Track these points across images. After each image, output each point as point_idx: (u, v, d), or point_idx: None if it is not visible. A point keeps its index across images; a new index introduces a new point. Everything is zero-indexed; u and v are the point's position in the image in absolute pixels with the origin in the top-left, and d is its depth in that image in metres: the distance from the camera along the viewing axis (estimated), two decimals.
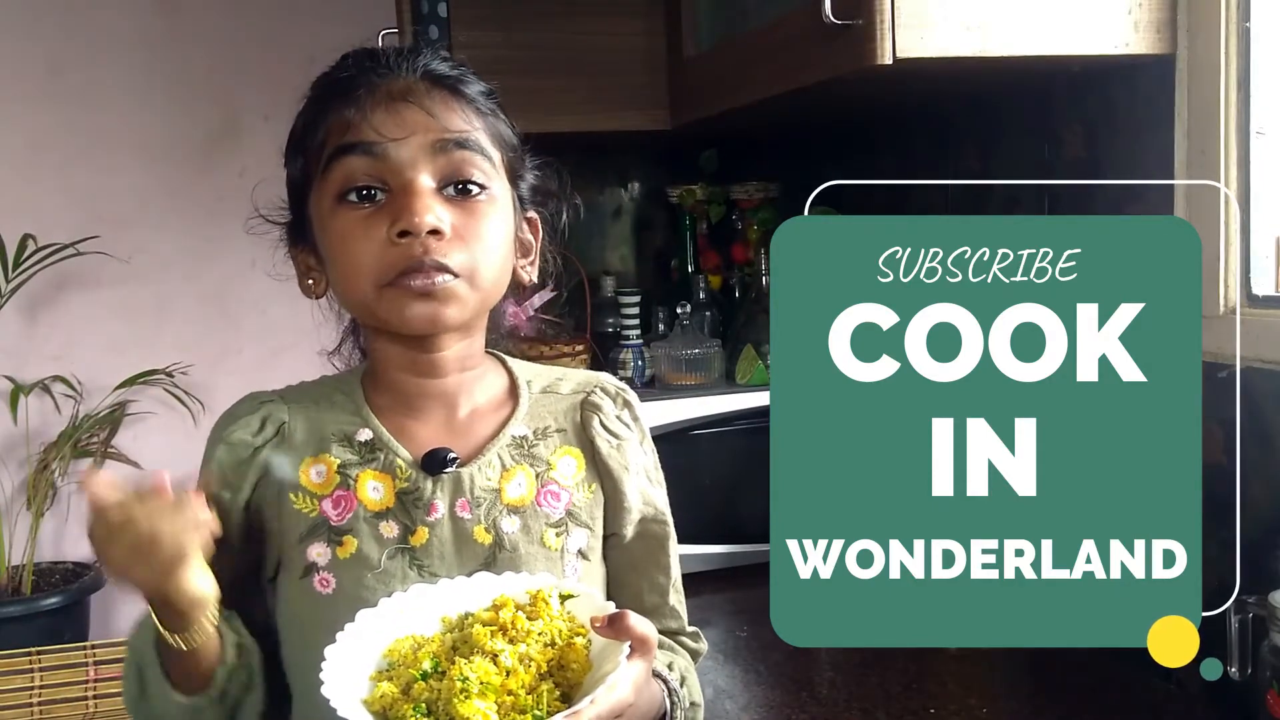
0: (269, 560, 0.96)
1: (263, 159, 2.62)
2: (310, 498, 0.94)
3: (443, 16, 1.72)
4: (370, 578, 0.91)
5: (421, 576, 0.92)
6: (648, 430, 1.07)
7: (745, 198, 2.10)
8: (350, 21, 2.43)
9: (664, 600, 1.04)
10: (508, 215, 0.95)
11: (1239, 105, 1.23)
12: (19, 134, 2.47)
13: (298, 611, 0.93)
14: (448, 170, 0.90)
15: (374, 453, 0.95)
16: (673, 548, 1.06)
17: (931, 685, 1.36)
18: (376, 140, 0.89)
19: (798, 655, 1.48)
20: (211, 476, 0.94)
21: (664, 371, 1.90)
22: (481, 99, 0.95)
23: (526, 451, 0.98)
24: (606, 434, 1.01)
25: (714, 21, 1.77)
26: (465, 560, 0.93)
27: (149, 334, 2.55)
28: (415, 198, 0.88)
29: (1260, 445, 1.19)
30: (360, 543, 0.92)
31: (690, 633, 1.07)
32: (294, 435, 0.96)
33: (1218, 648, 1.17)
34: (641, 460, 1.04)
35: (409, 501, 0.93)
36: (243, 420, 0.96)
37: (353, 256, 0.90)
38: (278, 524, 0.94)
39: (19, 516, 2.47)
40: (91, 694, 2.24)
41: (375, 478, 0.94)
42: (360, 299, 0.92)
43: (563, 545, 0.96)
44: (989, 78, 1.44)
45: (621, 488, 1.00)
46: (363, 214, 0.90)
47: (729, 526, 1.82)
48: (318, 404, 0.98)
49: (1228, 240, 1.24)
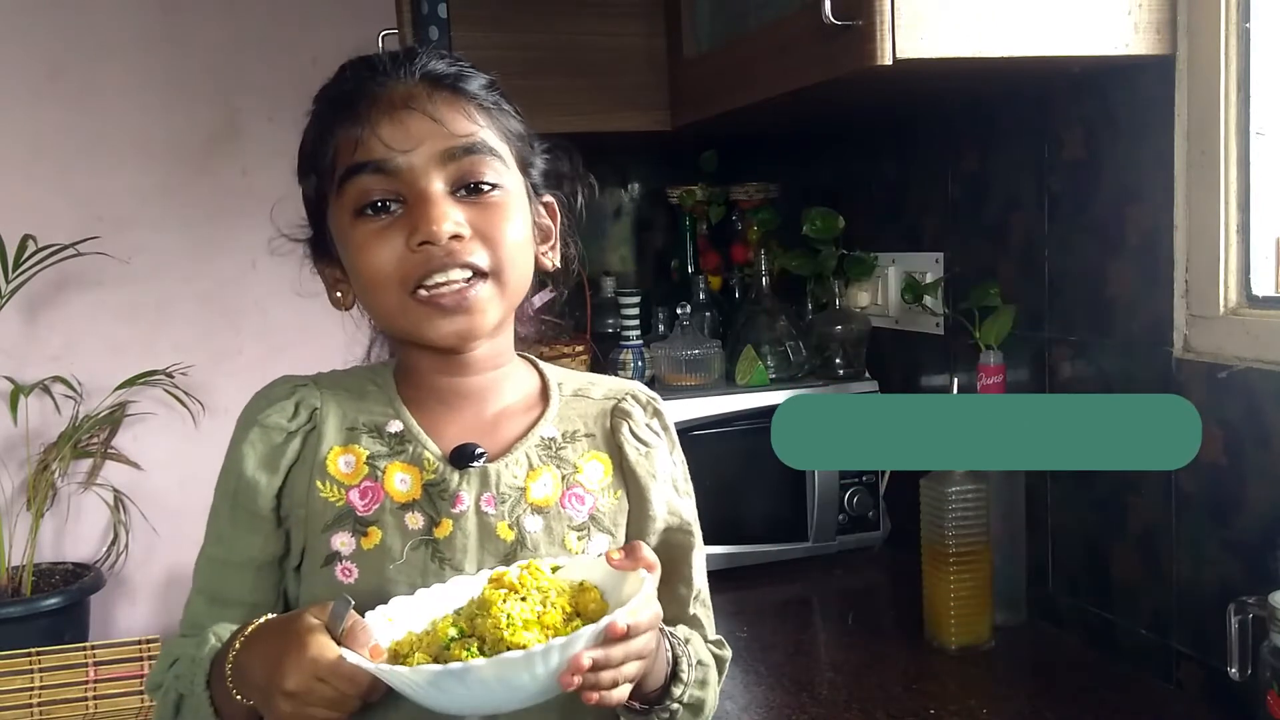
0: (294, 547, 0.96)
1: (263, 159, 2.64)
2: (338, 487, 0.94)
3: (443, 17, 1.72)
4: (392, 569, 0.92)
5: (443, 570, 0.92)
6: (677, 441, 1.07)
7: (745, 198, 2.10)
8: (350, 22, 2.46)
9: (684, 611, 1.05)
10: (523, 206, 0.96)
11: (1239, 105, 1.23)
12: (19, 135, 2.47)
13: (319, 599, 0.93)
14: (458, 174, 0.91)
15: (403, 444, 0.95)
16: (697, 559, 1.06)
17: (931, 685, 1.37)
18: (386, 156, 0.90)
19: (798, 655, 1.48)
20: (244, 458, 0.95)
21: (664, 372, 1.90)
22: (484, 94, 0.95)
23: (554, 453, 0.98)
24: (635, 441, 1.01)
25: (714, 22, 1.77)
26: (487, 555, 0.93)
27: (149, 334, 2.55)
28: (432, 206, 0.89)
29: (1260, 445, 1.19)
30: (385, 534, 0.92)
31: (714, 640, 1.07)
32: (326, 422, 0.96)
33: (1218, 647, 1.17)
34: (669, 470, 1.04)
35: (435, 494, 0.94)
36: (278, 405, 0.96)
37: (375, 269, 0.91)
38: (304, 511, 0.94)
39: (19, 517, 2.47)
40: (91, 694, 2.24)
41: (403, 469, 0.94)
42: (386, 310, 0.93)
43: (584, 549, 0.97)
44: (989, 78, 1.44)
45: (647, 495, 1.00)
46: (381, 225, 0.90)
47: (729, 527, 1.82)
48: (350, 393, 0.98)
49: (1228, 240, 1.24)
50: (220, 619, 0.94)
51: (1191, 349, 1.29)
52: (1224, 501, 1.25)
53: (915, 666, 1.42)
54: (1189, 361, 1.28)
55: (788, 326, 1.96)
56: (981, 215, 1.66)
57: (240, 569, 0.96)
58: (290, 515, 0.95)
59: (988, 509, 1.45)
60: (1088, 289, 1.44)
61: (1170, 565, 1.33)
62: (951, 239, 1.74)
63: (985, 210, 1.65)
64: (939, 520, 1.45)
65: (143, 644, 2.31)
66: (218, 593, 0.97)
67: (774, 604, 1.71)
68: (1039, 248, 1.53)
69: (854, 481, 1.86)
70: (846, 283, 1.96)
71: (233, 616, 0.93)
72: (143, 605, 2.59)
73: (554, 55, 1.82)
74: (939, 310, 1.76)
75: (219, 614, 0.95)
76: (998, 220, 1.62)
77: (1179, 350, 1.30)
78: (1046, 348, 1.52)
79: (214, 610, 0.95)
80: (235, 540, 0.96)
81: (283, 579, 0.97)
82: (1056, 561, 1.53)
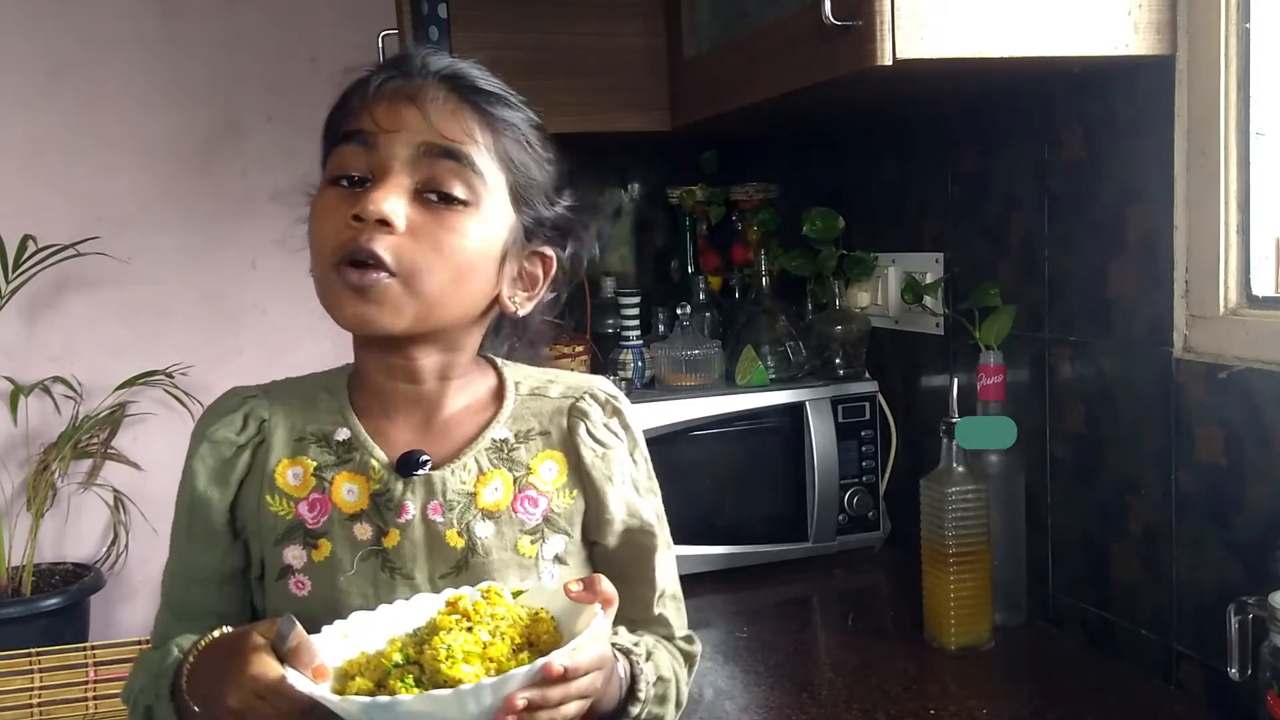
0: (254, 559, 0.96)
1: (263, 159, 2.64)
2: (286, 500, 0.94)
3: (443, 17, 1.71)
4: (343, 580, 0.92)
5: (394, 580, 0.91)
6: (641, 439, 1.06)
7: (745, 199, 2.10)
8: (350, 23, 2.45)
9: (648, 611, 1.03)
10: (492, 236, 0.93)
11: (1239, 105, 1.23)
12: (19, 134, 2.46)
13: (278, 613, 0.93)
14: (429, 175, 0.90)
15: (350, 453, 0.95)
16: (661, 559, 1.04)
17: (931, 685, 1.37)
18: (371, 130, 0.90)
19: (798, 655, 1.48)
20: (196, 474, 0.95)
21: (664, 372, 1.90)
22: (506, 118, 0.93)
23: (506, 455, 0.97)
24: (592, 442, 1.00)
25: (714, 23, 1.77)
26: (437, 564, 0.93)
27: (149, 335, 2.55)
28: (379, 188, 0.88)
29: (1260, 445, 1.19)
30: (334, 546, 0.92)
31: (683, 637, 1.06)
32: (274, 434, 0.96)
33: (1218, 647, 1.17)
34: (628, 470, 1.02)
35: (381, 503, 0.93)
36: (226, 418, 0.97)
37: (317, 233, 0.91)
38: (257, 525, 0.94)
39: (19, 517, 2.47)
40: (91, 695, 2.24)
41: (350, 479, 0.94)
42: (317, 281, 0.91)
43: (538, 552, 0.96)
44: (989, 78, 1.44)
45: (604, 499, 0.99)
46: (340, 195, 0.90)
47: (729, 527, 1.82)
48: (302, 401, 0.98)
49: (1228, 240, 1.24)
50: (187, 631, 0.94)
51: (1191, 349, 1.29)
52: (1224, 502, 1.25)
53: (915, 667, 1.42)
54: (1189, 362, 1.28)
55: (788, 327, 1.95)
56: (981, 215, 1.66)
57: (203, 583, 0.96)
58: (245, 528, 0.95)
59: (988, 509, 1.45)
60: (1088, 289, 1.44)
61: (1170, 565, 1.33)
62: (951, 239, 1.74)
63: (985, 210, 1.65)
64: (939, 520, 1.45)
65: (143, 644, 2.31)
66: (183, 607, 0.97)
67: (774, 604, 1.71)
68: (1039, 248, 1.53)
69: (854, 481, 1.86)
70: (846, 283, 1.96)
71: (200, 628, 0.93)
72: (143, 605, 2.59)
73: (554, 55, 1.81)
74: (939, 310, 1.76)
75: (186, 626, 0.95)
76: (998, 220, 1.62)
77: (1179, 350, 1.30)
78: (1046, 348, 1.52)
79: (181, 624, 0.96)
80: (194, 556, 0.96)
81: (248, 590, 0.97)
82: (1056, 561, 1.53)
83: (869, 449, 1.87)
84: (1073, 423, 1.48)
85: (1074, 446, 1.48)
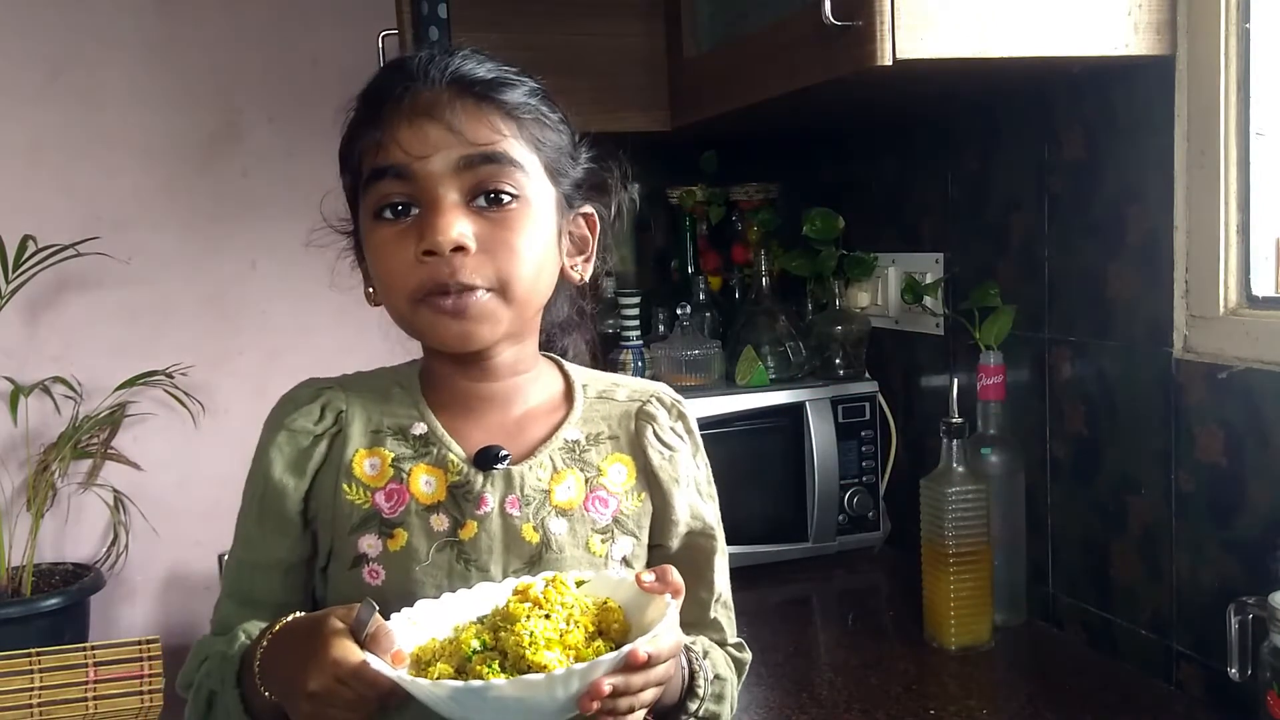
0: (321, 549, 0.96)
1: (264, 160, 2.64)
2: (363, 489, 0.94)
3: (443, 17, 1.71)
4: (418, 570, 0.92)
5: (469, 571, 0.92)
6: (701, 443, 1.07)
7: (745, 199, 2.10)
8: (350, 23, 2.45)
9: (705, 614, 1.05)
10: (546, 218, 0.95)
11: (1239, 106, 1.23)
12: (19, 134, 2.46)
13: (346, 601, 0.93)
14: (474, 184, 0.90)
15: (428, 447, 0.96)
16: (719, 562, 1.06)
17: (931, 685, 1.37)
18: (404, 161, 0.90)
19: (797, 656, 1.48)
20: (272, 463, 0.95)
21: (664, 373, 1.90)
22: (517, 101, 0.94)
23: (578, 456, 0.99)
24: (659, 445, 1.01)
25: (714, 23, 1.77)
26: (512, 557, 0.94)
27: (149, 335, 2.55)
28: (439, 216, 0.89)
29: (1260, 445, 1.19)
30: (410, 536, 0.93)
31: (734, 643, 1.07)
32: (351, 425, 0.96)
33: (1218, 647, 1.17)
34: (693, 473, 1.04)
35: (460, 495, 0.94)
36: (304, 408, 0.97)
37: (386, 272, 0.92)
38: (331, 513, 0.95)
39: (19, 517, 2.47)
40: (91, 695, 2.24)
41: (428, 471, 0.95)
42: (398, 313, 0.94)
43: (607, 552, 0.97)
44: (989, 79, 1.44)
45: (670, 500, 1.01)
46: (395, 230, 0.91)
47: (729, 527, 1.81)
48: (376, 395, 0.99)
49: (1228, 240, 1.24)
50: (250, 619, 0.95)
51: (1191, 349, 1.29)
52: (1224, 501, 1.25)
53: (915, 667, 1.42)
54: (1189, 362, 1.28)
55: (788, 327, 1.96)
56: (981, 215, 1.66)
57: (268, 571, 0.97)
58: (317, 517, 0.96)
59: (988, 509, 1.45)
60: (1088, 289, 1.44)
61: (1170, 565, 1.33)
62: (951, 239, 1.74)
63: (985, 210, 1.65)
64: (939, 520, 1.45)
65: (143, 644, 2.31)
66: (247, 595, 0.97)
67: (774, 604, 1.71)
68: (1039, 248, 1.53)
69: (854, 482, 1.86)
70: (846, 283, 1.97)
71: (262, 617, 0.94)
72: (142, 606, 2.59)
73: (554, 55, 1.80)
74: (939, 310, 1.76)
75: (249, 615, 0.95)
76: (998, 220, 1.62)
77: (1179, 351, 1.30)
78: (1046, 348, 1.52)
79: (244, 611, 0.96)
80: (263, 543, 0.96)
81: (311, 580, 0.98)
82: (1056, 561, 1.53)
83: (869, 449, 1.87)
84: (1073, 423, 1.48)
85: (1074, 446, 1.49)
